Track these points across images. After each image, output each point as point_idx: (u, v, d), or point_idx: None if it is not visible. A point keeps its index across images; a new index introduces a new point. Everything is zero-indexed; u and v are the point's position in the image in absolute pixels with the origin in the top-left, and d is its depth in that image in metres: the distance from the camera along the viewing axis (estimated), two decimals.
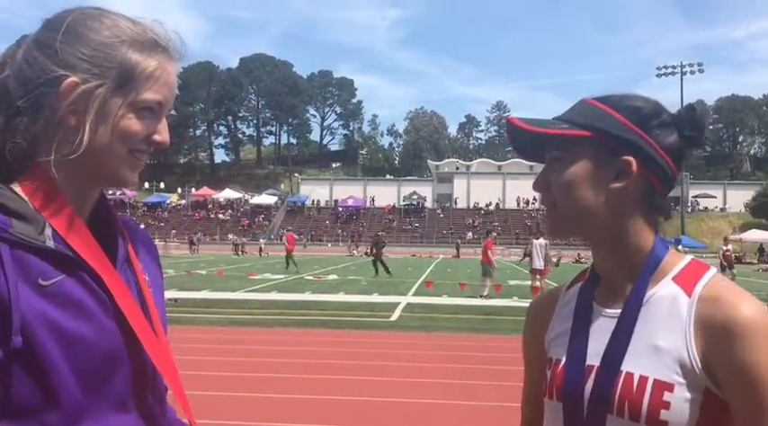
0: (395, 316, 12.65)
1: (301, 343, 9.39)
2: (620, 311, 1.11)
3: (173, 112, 1.09)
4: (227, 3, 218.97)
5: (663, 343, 1.04)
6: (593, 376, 1.08)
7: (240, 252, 44.15)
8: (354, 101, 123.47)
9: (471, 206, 76.10)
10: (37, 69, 0.98)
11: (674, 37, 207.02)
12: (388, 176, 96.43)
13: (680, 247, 21.76)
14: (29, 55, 1.00)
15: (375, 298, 15.98)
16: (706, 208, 76.00)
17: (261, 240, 46.88)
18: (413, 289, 18.70)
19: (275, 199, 77.11)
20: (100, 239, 1.03)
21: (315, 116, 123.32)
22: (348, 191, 79.08)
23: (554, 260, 34.29)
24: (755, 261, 46.64)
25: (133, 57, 1.01)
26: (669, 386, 1.01)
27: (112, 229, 1.09)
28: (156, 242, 1.22)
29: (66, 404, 0.92)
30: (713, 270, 1.10)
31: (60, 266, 0.94)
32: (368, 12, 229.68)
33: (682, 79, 67.82)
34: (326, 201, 79.08)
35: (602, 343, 1.10)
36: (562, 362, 1.14)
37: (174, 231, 63.79)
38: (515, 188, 74.29)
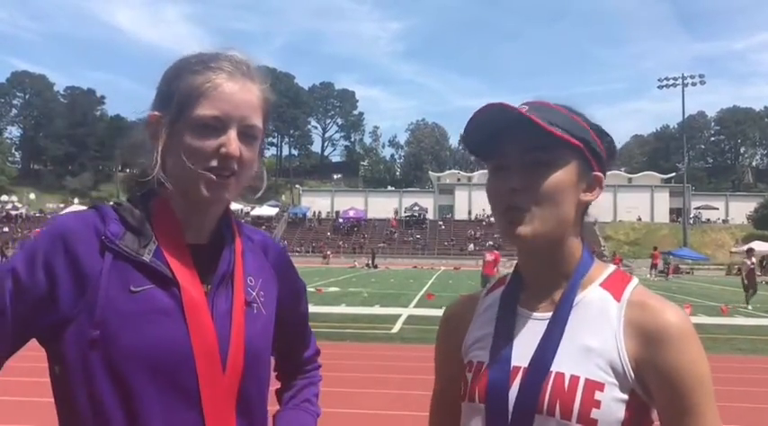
0: (396, 328, 12.56)
1: None
2: (548, 314, 1.14)
3: (250, 124, 1.15)
4: (228, 15, 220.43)
5: (593, 344, 1.08)
6: (519, 377, 1.10)
7: None
8: (356, 112, 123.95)
9: (473, 217, 76.02)
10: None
11: (675, 49, 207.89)
12: (389, 187, 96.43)
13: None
14: None
15: (376, 310, 15.90)
16: (708, 219, 75.83)
17: None
18: (414, 301, 18.61)
19: (276, 210, 77.01)
20: (212, 257, 1.19)
21: (316, 127, 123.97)
22: (349, 203, 79.09)
23: None
24: (758, 273, 46.35)
25: (188, 81, 1.14)
26: (600, 386, 1.04)
27: (227, 248, 1.21)
28: None
29: (137, 395, 1.06)
30: (636, 280, 1.16)
31: (152, 277, 1.10)
32: (369, 24, 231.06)
33: (683, 91, 68.04)
34: (327, 213, 79.07)
35: (530, 346, 1.12)
36: (485, 365, 1.14)
37: None
38: None
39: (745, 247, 29.63)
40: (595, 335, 1.09)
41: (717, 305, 18.87)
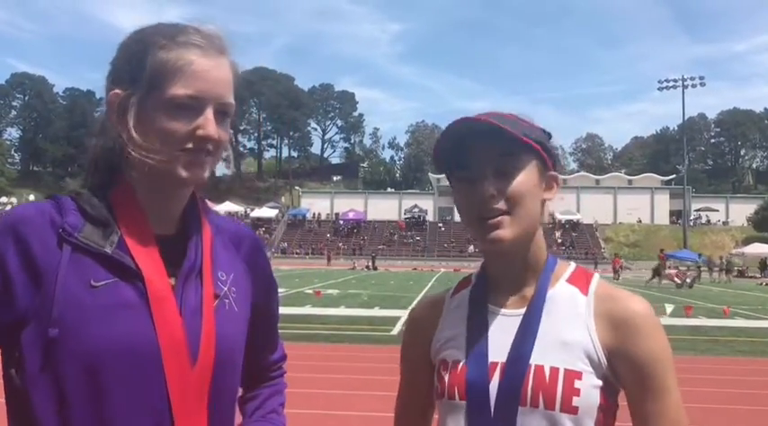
0: (396, 331, 12.49)
1: (302, 357, 9.27)
2: (520, 311, 1.20)
3: (226, 102, 1.09)
4: (229, 17, 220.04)
5: (568, 337, 1.15)
6: (497, 372, 1.14)
7: None
8: (355, 114, 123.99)
9: None
10: (105, 93, 1.11)
11: (675, 50, 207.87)
12: (389, 189, 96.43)
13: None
14: (106, 85, 1.12)
15: (376, 312, 15.87)
16: (708, 221, 75.84)
17: None
18: (414, 303, 18.51)
19: (276, 212, 77.01)
20: (179, 249, 1.11)
21: (316, 129, 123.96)
22: (349, 204, 79.02)
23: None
24: (758, 275, 46.36)
25: (160, 58, 1.05)
26: (578, 375, 1.12)
27: (194, 239, 1.14)
28: None
29: (101, 394, 1.00)
30: (598, 275, 1.25)
31: (115, 270, 1.04)
32: (369, 26, 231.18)
33: (683, 93, 68.07)
34: (327, 214, 79.05)
35: (505, 341, 1.17)
36: (462, 362, 1.18)
37: None
38: None
39: None
40: (569, 328, 1.16)
41: (717, 307, 18.86)
